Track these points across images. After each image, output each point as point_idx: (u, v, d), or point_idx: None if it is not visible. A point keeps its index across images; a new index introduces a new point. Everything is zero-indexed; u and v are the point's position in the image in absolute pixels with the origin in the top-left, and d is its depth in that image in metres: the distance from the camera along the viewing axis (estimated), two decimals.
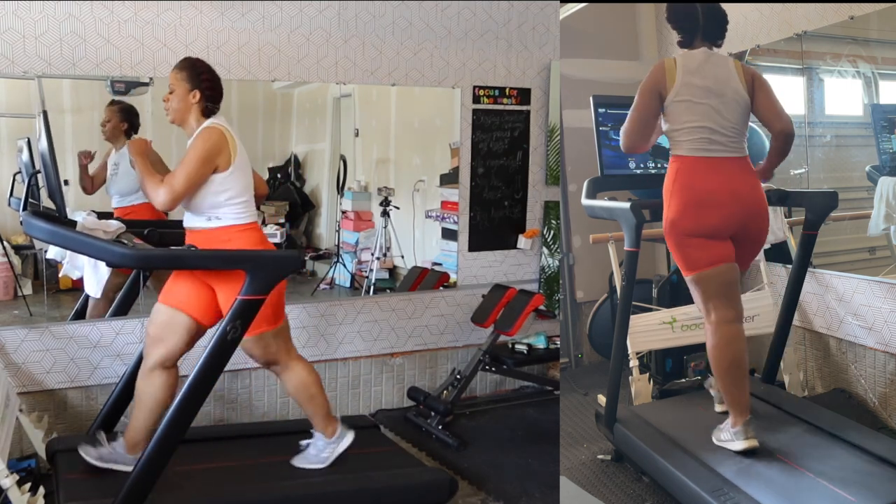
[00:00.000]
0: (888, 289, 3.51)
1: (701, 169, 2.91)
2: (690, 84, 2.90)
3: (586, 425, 3.88)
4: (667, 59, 2.96)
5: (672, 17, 3.02)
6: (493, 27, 4.44)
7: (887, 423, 3.56)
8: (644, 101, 2.95)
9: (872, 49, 3.72)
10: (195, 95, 2.89)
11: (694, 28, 2.96)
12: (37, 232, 2.72)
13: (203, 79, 2.91)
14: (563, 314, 4.93)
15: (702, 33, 2.96)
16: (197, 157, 2.82)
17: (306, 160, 4.61)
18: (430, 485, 3.15)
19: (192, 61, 2.94)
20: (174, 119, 2.94)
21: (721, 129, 2.90)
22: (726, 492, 2.64)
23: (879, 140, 3.64)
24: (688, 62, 2.93)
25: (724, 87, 2.92)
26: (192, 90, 2.89)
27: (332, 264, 4.59)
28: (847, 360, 3.79)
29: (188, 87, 2.89)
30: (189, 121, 2.92)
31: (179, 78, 2.90)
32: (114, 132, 3.72)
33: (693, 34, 2.97)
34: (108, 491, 2.75)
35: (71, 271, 3.51)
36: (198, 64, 2.94)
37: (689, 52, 2.97)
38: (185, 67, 2.92)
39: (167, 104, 2.93)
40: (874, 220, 3.61)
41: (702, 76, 2.91)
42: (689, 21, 2.96)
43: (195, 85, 2.89)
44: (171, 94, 2.91)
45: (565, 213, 4.87)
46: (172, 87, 2.91)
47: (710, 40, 2.97)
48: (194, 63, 2.94)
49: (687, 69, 2.91)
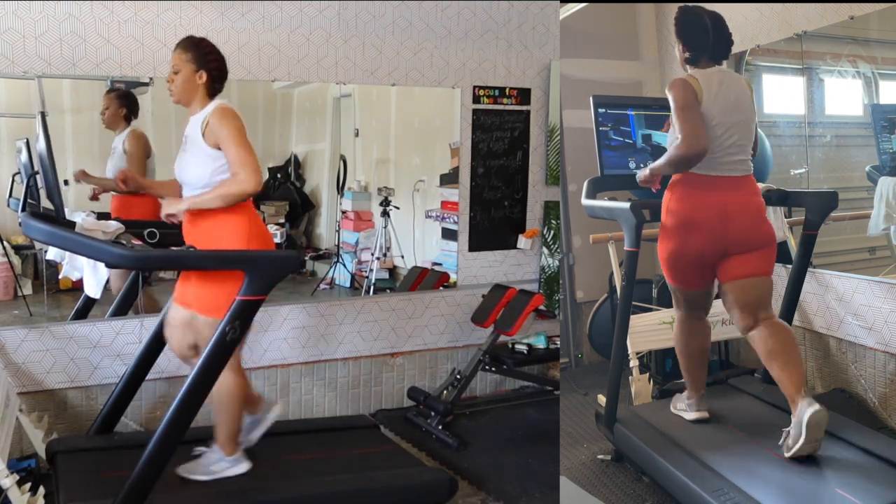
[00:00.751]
0: (888, 289, 3.51)
1: (697, 188, 2.97)
2: (715, 100, 2.94)
3: (586, 425, 3.88)
4: (686, 76, 2.98)
5: (682, 35, 3.04)
6: (493, 27, 4.44)
7: (887, 423, 3.56)
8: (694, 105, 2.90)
9: (872, 49, 3.72)
10: (202, 76, 2.88)
11: (703, 47, 3.00)
12: (35, 233, 2.71)
13: (209, 59, 2.90)
14: (563, 314, 4.93)
15: (710, 52, 3.00)
16: (240, 132, 2.82)
17: (306, 160, 4.61)
18: (430, 485, 3.15)
19: (195, 41, 2.92)
20: (179, 99, 2.92)
21: (739, 145, 2.97)
22: (726, 492, 2.64)
23: (879, 140, 3.64)
24: (708, 80, 2.96)
25: (741, 104, 2.99)
26: (199, 71, 2.88)
27: (332, 264, 4.59)
28: (847, 360, 3.79)
29: (194, 67, 2.87)
30: (194, 101, 2.91)
31: (185, 59, 2.88)
32: (113, 118, 3.73)
33: (702, 53, 3.01)
34: (108, 491, 2.75)
35: (70, 272, 3.52)
36: (202, 44, 2.92)
37: (703, 70, 3.00)
38: (190, 48, 2.89)
39: (171, 85, 2.90)
40: (874, 220, 3.61)
41: (724, 94, 2.96)
42: (699, 40, 3.00)
43: (202, 66, 2.88)
44: (176, 74, 2.88)
45: (565, 213, 4.87)
46: (177, 68, 2.88)
47: (716, 60, 3.03)
48: (199, 43, 2.91)
49: (709, 88, 2.94)
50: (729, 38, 3.05)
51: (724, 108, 2.95)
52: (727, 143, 2.95)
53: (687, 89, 2.93)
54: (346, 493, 3.01)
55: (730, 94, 2.97)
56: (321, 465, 3.22)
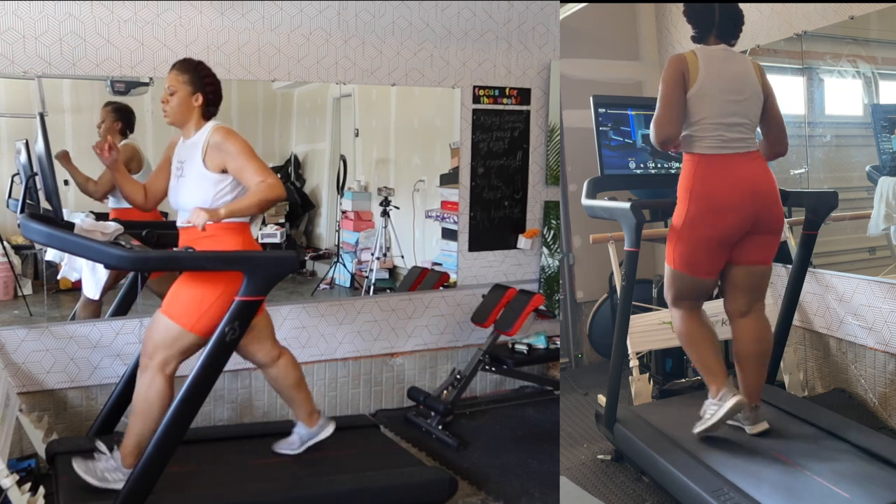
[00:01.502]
0: (888, 289, 3.51)
1: (717, 169, 2.91)
2: (713, 78, 2.89)
3: (586, 425, 3.88)
4: (686, 52, 2.95)
5: (689, 12, 3.02)
6: (493, 27, 4.44)
7: (887, 423, 3.56)
8: (673, 90, 2.90)
9: (872, 49, 3.72)
10: (198, 99, 2.90)
11: (710, 24, 2.96)
12: (34, 235, 2.71)
13: (206, 83, 2.92)
14: (563, 314, 4.93)
15: (717, 31, 2.96)
16: (249, 146, 2.85)
17: (306, 160, 4.61)
18: (431, 484, 3.15)
19: (192, 64, 2.94)
20: (174, 121, 2.93)
21: (741, 124, 2.92)
22: (726, 492, 2.64)
23: (879, 140, 3.64)
24: (708, 56, 2.92)
25: (745, 84, 2.94)
26: (196, 93, 2.89)
27: (332, 264, 4.59)
28: (847, 360, 3.79)
29: (191, 90, 2.89)
30: (189, 123, 2.92)
31: (182, 81, 2.89)
32: (108, 133, 3.71)
33: (708, 31, 2.97)
34: (108, 493, 2.75)
35: (69, 273, 3.52)
36: (199, 67, 2.94)
37: (706, 47, 2.97)
38: (187, 70, 2.91)
39: (166, 105, 2.92)
40: (874, 220, 3.61)
41: (723, 71, 2.91)
42: (705, 17, 2.97)
43: (198, 88, 2.90)
44: (172, 95, 2.90)
45: (565, 213, 4.87)
46: (173, 90, 2.89)
47: (724, 39, 2.98)
48: (196, 66, 2.93)
49: (708, 64, 2.90)
50: (738, 17, 3.00)
51: (723, 87, 2.90)
52: (727, 122, 2.90)
53: (676, 67, 2.90)
54: (346, 493, 3.01)
55: (731, 73, 2.92)
56: (321, 464, 3.22)
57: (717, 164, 2.91)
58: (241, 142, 2.84)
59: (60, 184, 3.61)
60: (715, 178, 2.91)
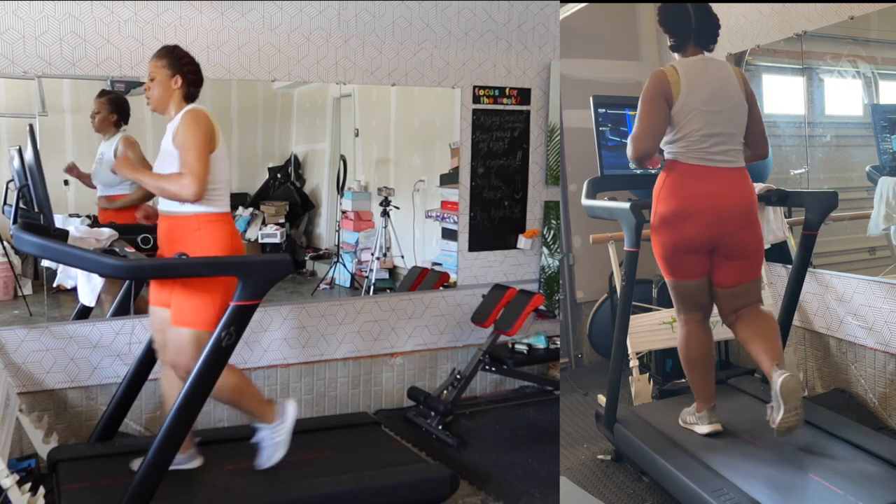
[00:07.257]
0: (888, 289, 3.51)
1: (689, 178, 2.92)
2: (696, 91, 2.89)
3: (586, 425, 3.88)
4: (666, 67, 2.94)
5: (664, 21, 3.00)
6: (493, 27, 4.44)
7: (887, 423, 3.56)
8: (654, 108, 2.90)
9: (872, 49, 3.72)
10: (177, 81, 2.93)
11: (687, 32, 2.95)
12: (27, 247, 2.67)
13: (184, 63, 2.95)
14: (563, 314, 4.93)
15: (694, 38, 2.95)
16: (201, 136, 2.83)
17: (306, 160, 4.61)
18: (432, 481, 3.15)
19: (170, 48, 2.98)
20: (156, 107, 2.97)
21: (728, 134, 2.92)
22: (726, 492, 2.64)
23: (879, 140, 3.64)
24: (689, 70, 2.92)
25: (728, 94, 2.94)
26: (174, 76, 2.92)
27: (332, 264, 4.59)
28: (847, 360, 3.79)
29: (169, 73, 2.92)
30: (170, 107, 2.95)
31: (160, 65, 2.93)
32: (103, 123, 3.71)
33: (686, 39, 2.96)
34: (109, 500, 2.75)
35: (65, 280, 3.50)
36: (177, 50, 2.98)
37: (686, 59, 2.97)
38: (165, 55, 2.95)
39: (148, 93, 2.95)
40: (874, 220, 3.61)
41: (707, 83, 2.91)
42: (681, 25, 2.96)
43: (176, 70, 2.93)
44: (152, 81, 2.93)
45: (565, 213, 4.87)
46: (153, 75, 2.93)
47: (702, 45, 2.97)
48: (173, 50, 2.97)
49: (689, 78, 2.90)
50: (714, 23, 2.99)
51: (706, 98, 2.90)
52: (711, 132, 2.89)
53: (656, 83, 2.90)
54: (347, 491, 3.01)
55: (713, 83, 2.91)
56: (322, 462, 3.23)
57: (691, 172, 2.93)
58: (198, 131, 2.83)
59: (60, 185, 3.62)
60: (684, 185, 2.94)
